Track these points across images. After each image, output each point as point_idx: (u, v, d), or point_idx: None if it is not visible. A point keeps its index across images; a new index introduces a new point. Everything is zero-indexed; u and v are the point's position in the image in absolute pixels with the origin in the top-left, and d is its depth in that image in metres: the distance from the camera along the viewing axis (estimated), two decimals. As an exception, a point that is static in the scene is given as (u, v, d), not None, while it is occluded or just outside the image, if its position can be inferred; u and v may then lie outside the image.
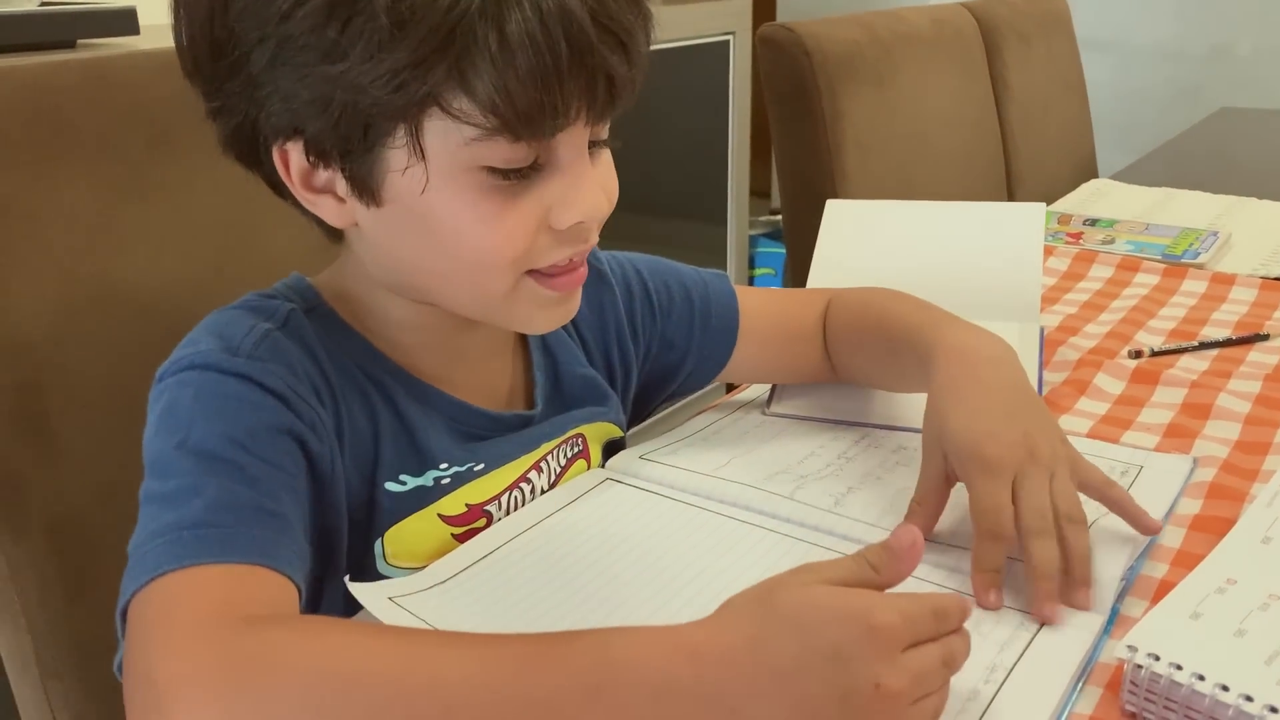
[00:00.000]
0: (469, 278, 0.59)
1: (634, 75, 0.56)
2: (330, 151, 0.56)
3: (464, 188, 0.55)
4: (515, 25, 0.50)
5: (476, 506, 0.66)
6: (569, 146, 0.57)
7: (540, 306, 0.62)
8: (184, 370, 0.57)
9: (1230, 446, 0.78)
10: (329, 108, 0.53)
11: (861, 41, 1.41)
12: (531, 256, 0.58)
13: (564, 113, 0.53)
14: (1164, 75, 3.19)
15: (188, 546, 0.50)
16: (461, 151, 0.54)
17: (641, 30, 0.56)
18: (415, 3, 0.49)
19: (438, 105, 0.52)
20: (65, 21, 1.41)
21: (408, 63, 0.50)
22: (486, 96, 0.51)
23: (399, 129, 0.54)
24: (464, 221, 0.56)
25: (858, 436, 0.80)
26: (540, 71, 0.51)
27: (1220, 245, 1.28)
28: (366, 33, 0.50)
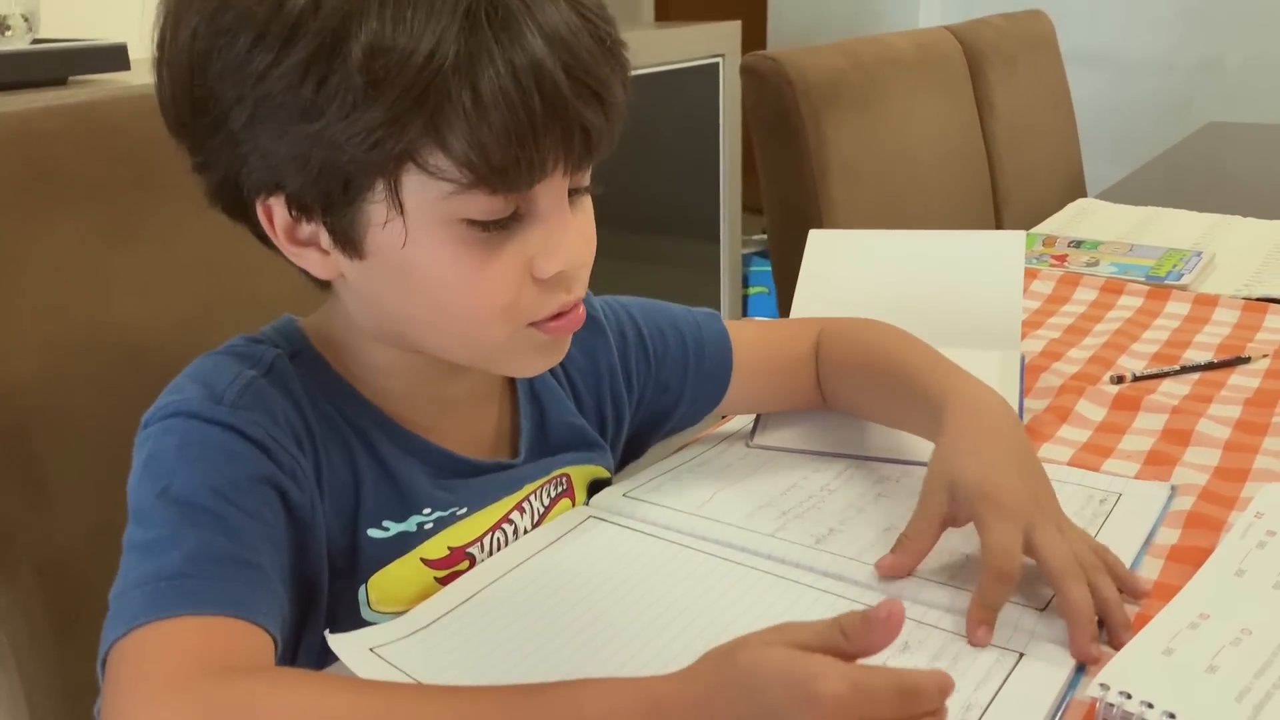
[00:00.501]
0: (458, 328, 0.60)
1: (611, 125, 0.56)
2: (312, 206, 0.56)
3: (444, 240, 0.56)
4: (489, 82, 0.51)
5: (459, 549, 0.67)
6: (548, 196, 0.57)
7: (534, 351, 0.63)
8: (168, 418, 0.58)
9: (1209, 473, 0.79)
10: (308, 164, 0.54)
11: (845, 69, 1.43)
12: (522, 309, 0.59)
13: (540, 166, 0.54)
14: (1154, 88, 3.21)
15: (165, 598, 0.51)
16: (440, 205, 0.55)
17: (617, 80, 0.56)
18: (389, 61, 0.50)
19: (413, 161, 0.53)
20: (57, 59, 1.43)
21: (383, 120, 0.51)
22: (462, 153, 0.52)
23: (378, 184, 0.54)
24: (446, 274, 0.57)
25: (840, 469, 0.80)
26: (515, 127, 0.52)
27: (1204, 266, 1.29)
28: (341, 91, 0.51)
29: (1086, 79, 2.93)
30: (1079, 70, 2.66)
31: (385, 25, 0.50)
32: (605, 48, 0.55)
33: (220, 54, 0.53)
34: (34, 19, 1.47)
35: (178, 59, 0.56)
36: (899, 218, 1.51)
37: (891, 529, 0.71)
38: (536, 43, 0.52)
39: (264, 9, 0.52)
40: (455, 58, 0.50)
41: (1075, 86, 2.21)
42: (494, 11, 0.51)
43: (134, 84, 1.43)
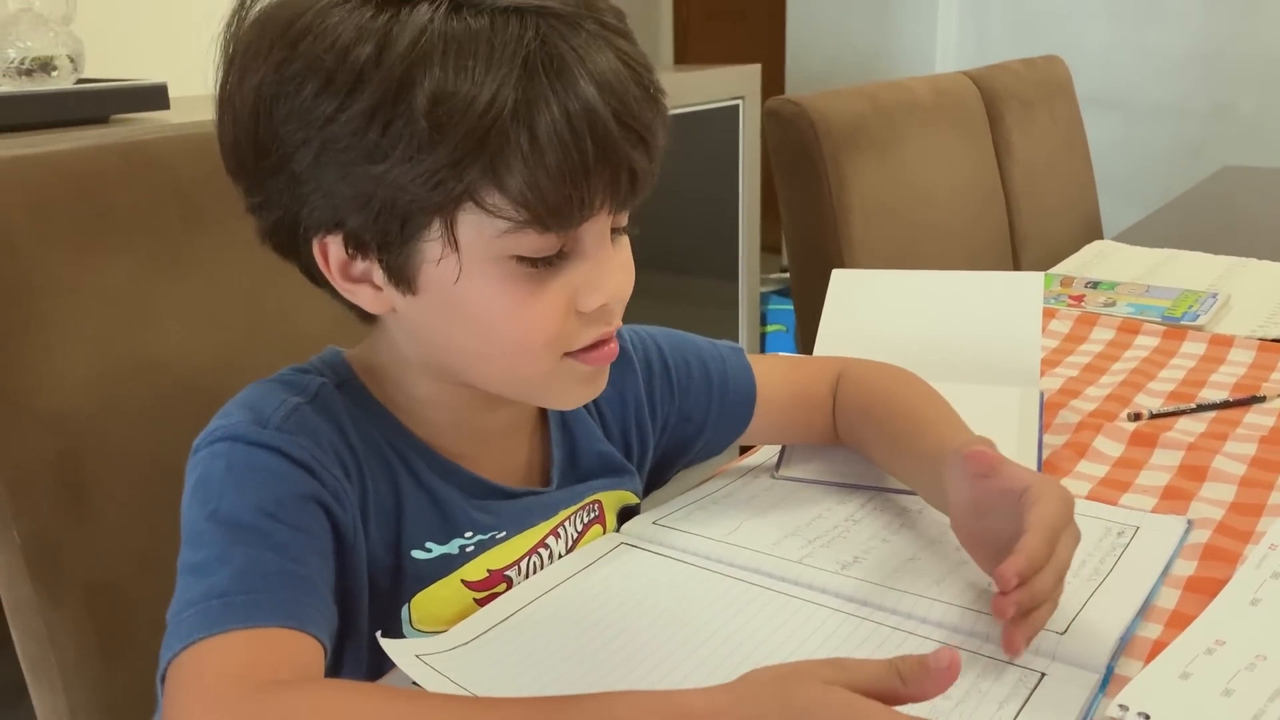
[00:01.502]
0: (505, 360, 0.63)
1: (653, 167, 0.60)
2: (369, 244, 0.59)
3: (495, 276, 0.59)
4: (545, 126, 0.54)
5: (497, 572, 0.69)
6: (593, 234, 0.61)
7: (577, 383, 0.66)
8: (216, 442, 0.61)
9: (1225, 508, 0.81)
10: (369, 204, 0.57)
11: (865, 112, 1.46)
12: (563, 339, 0.62)
13: (590, 205, 0.58)
14: (1169, 133, 3.24)
15: (216, 615, 0.53)
16: (494, 243, 0.58)
17: (660, 125, 0.60)
18: (452, 107, 0.53)
19: (473, 200, 0.56)
20: (100, 98, 1.47)
21: (445, 163, 0.54)
22: (519, 192, 0.55)
23: (435, 222, 0.57)
24: (496, 307, 0.60)
25: (864, 500, 0.83)
26: (569, 168, 0.55)
27: (1219, 307, 1.31)
28: (406, 135, 0.54)
29: (1103, 123, 2.97)
30: (1095, 115, 2.70)
31: (448, 74, 0.53)
32: (649, 94, 0.59)
33: (287, 100, 0.56)
34: (79, 60, 1.52)
35: (243, 104, 0.59)
36: (918, 258, 1.54)
37: (915, 558, 0.73)
38: (589, 89, 0.55)
39: (331, 57, 0.55)
40: (514, 104, 0.54)
41: (1092, 130, 2.25)
42: (549, 61, 0.55)
43: (174, 121, 1.48)
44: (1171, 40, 3.18)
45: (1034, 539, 0.60)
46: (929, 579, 0.70)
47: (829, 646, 0.63)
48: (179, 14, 1.79)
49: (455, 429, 0.69)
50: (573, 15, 0.57)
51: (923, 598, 0.67)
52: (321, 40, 0.55)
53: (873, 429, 0.82)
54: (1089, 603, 0.66)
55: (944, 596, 0.67)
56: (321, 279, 0.64)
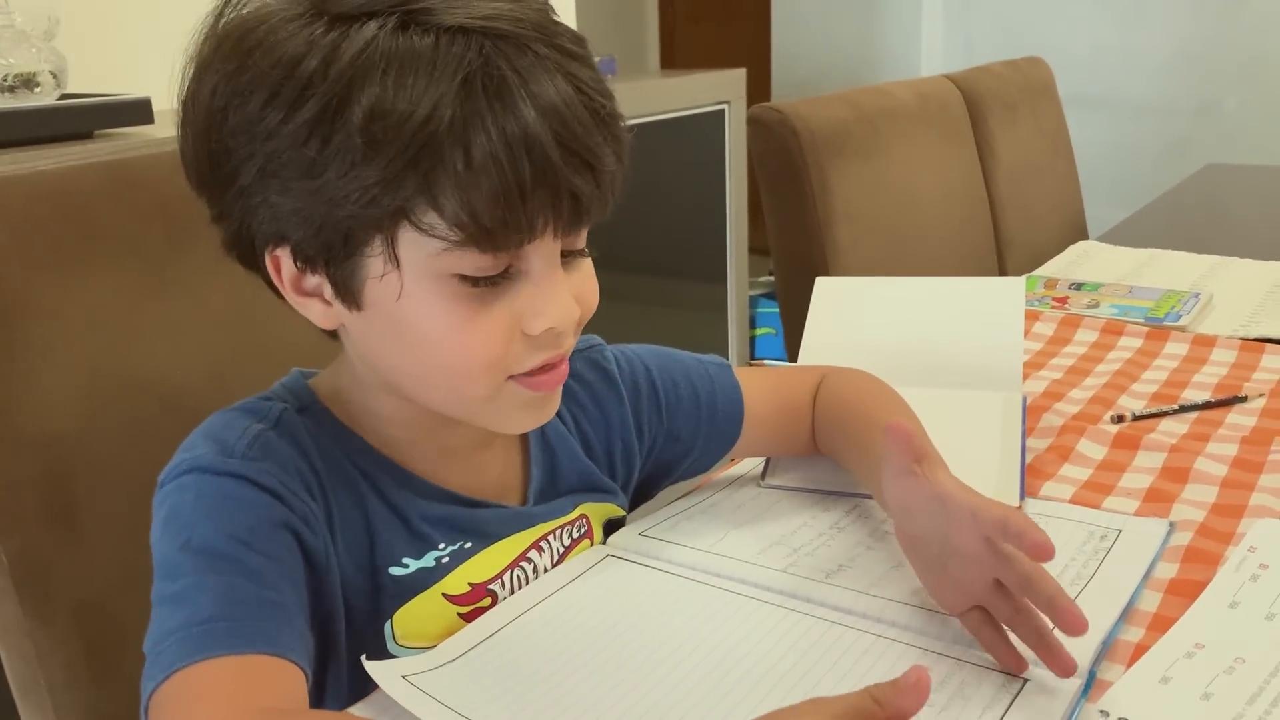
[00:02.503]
0: (445, 382, 0.62)
1: (602, 192, 0.59)
2: (315, 258, 0.60)
3: (437, 295, 0.58)
4: (480, 147, 0.54)
5: (480, 585, 0.69)
6: (540, 257, 0.60)
7: (521, 407, 0.65)
8: (183, 474, 0.61)
9: (1207, 510, 0.82)
10: (310, 218, 0.57)
11: (848, 119, 1.47)
12: (508, 363, 0.61)
13: (529, 228, 0.57)
14: (1153, 131, 3.26)
15: (199, 642, 0.53)
16: (433, 261, 0.57)
17: (609, 151, 0.59)
18: (388, 123, 0.53)
19: (408, 219, 0.56)
20: (84, 114, 1.47)
21: (378, 179, 0.54)
22: (453, 213, 0.55)
23: (376, 239, 0.57)
24: (437, 327, 0.59)
25: (849, 507, 0.83)
26: (504, 191, 0.55)
27: (1202, 307, 1.32)
28: (343, 150, 0.54)
29: (1088, 123, 2.98)
30: (1080, 114, 2.71)
31: (387, 90, 0.54)
32: (599, 119, 0.58)
33: (236, 111, 0.57)
34: (62, 76, 1.52)
35: (198, 115, 0.59)
36: (903, 262, 1.54)
37: (900, 565, 0.74)
38: (529, 112, 0.55)
39: (279, 71, 0.55)
40: (450, 122, 0.54)
41: (1076, 130, 2.26)
42: (489, 81, 0.54)
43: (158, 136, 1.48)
44: (1156, 40, 3.20)
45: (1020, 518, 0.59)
46: (914, 586, 0.70)
47: (814, 655, 0.64)
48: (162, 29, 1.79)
49: (421, 446, 0.69)
50: (522, 37, 0.56)
51: (907, 605, 0.68)
52: (271, 53, 0.56)
53: (840, 437, 0.83)
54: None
55: (929, 604, 0.68)
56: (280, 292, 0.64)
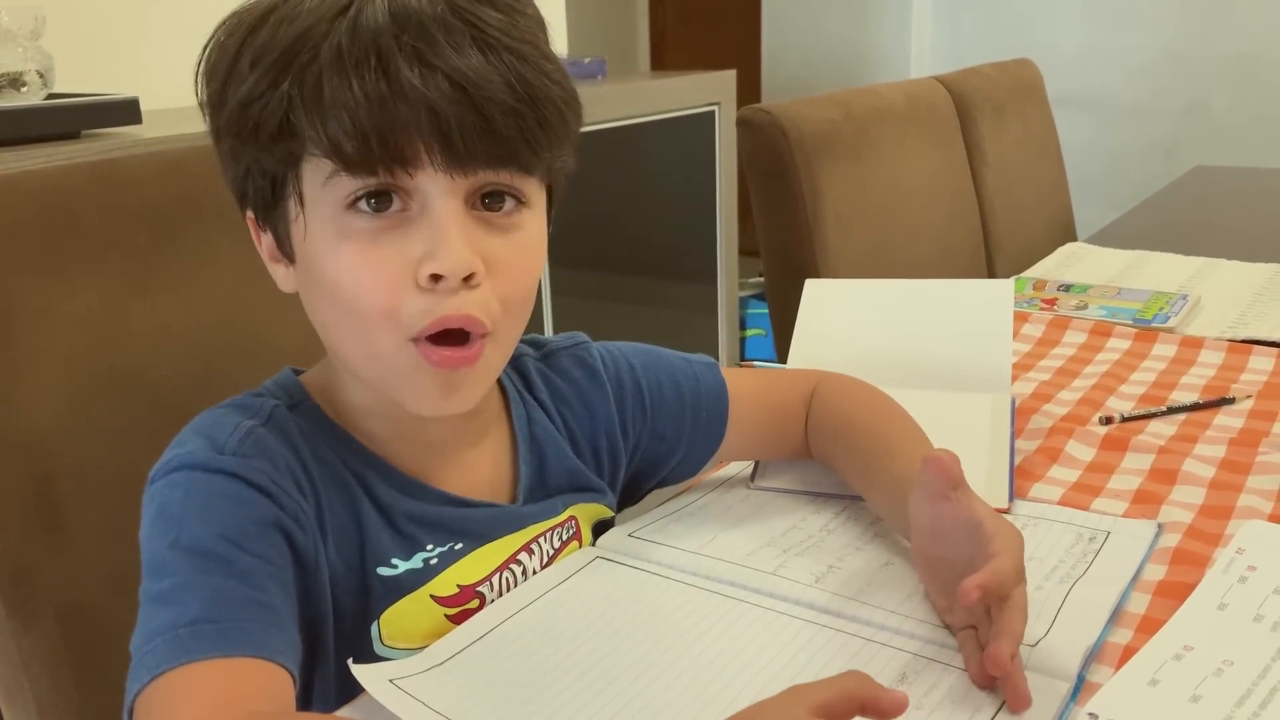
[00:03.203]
0: (352, 332, 0.62)
1: (496, 130, 0.57)
2: (259, 213, 0.64)
3: (334, 233, 0.60)
4: (329, 52, 0.57)
5: (468, 588, 0.69)
6: (440, 199, 0.59)
7: (428, 383, 0.62)
8: (173, 471, 0.61)
9: (1195, 512, 0.82)
10: (239, 169, 0.62)
11: (838, 120, 1.47)
12: (402, 314, 0.59)
13: (391, 146, 0.57)
14: (1142, 133, 3.27)
15: (185, 644, 0.53)
16: (326, 193, 0.59)
17: (498, 79, 0.57)
18: (265, 47, 0.58)
19: (290, 133, 0.58)
20: (71, 113, 1.46)
21: (256, 99, 0.58)
22: (311, 121, 0.57)
23: (289, 177, 0.61)
24: (334, 265, 0.60)
25: (838, 509, 0.83)
26: (350, 98, 0.56)
27: (1190, 308, 1.32)
28: (235, 80, 0.59)
29: (1077, 124, 2.99)
30: (1069, 116, 2.72)
31: (279, 26, 0.58)
32: (484, 45, 0.57)
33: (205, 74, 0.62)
34: (49, 75, 1.51)
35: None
36: (893, 263, 1.54)
37: (889, 564, 0.74)
38: (381, 19, 0.57)
39: (233, 43, 0.60)
40: (315, 37, 0.57)
41: (1065, 131, 2.27)
42: (361, 8, 0.58)
43: (145, 136, 1.48)
44: (1144, 41, 3.21)
45: (1004, 563, 0.60)
46: (903, 590, 0.70)
47: (803, 658, 0.64)
48: (150, 28, 1.78)
49: (403, 442, 0.69)
50: None
51: (895, 613, 0.67)
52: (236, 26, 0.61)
53: (842, 449, 0.82)
54: (1060, 611, 0.67)
55: (918, 610, 0.68)
56: None
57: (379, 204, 0.59)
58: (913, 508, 0.69)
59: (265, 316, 0.87)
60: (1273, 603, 0.65)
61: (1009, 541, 0.62)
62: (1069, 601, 0.68)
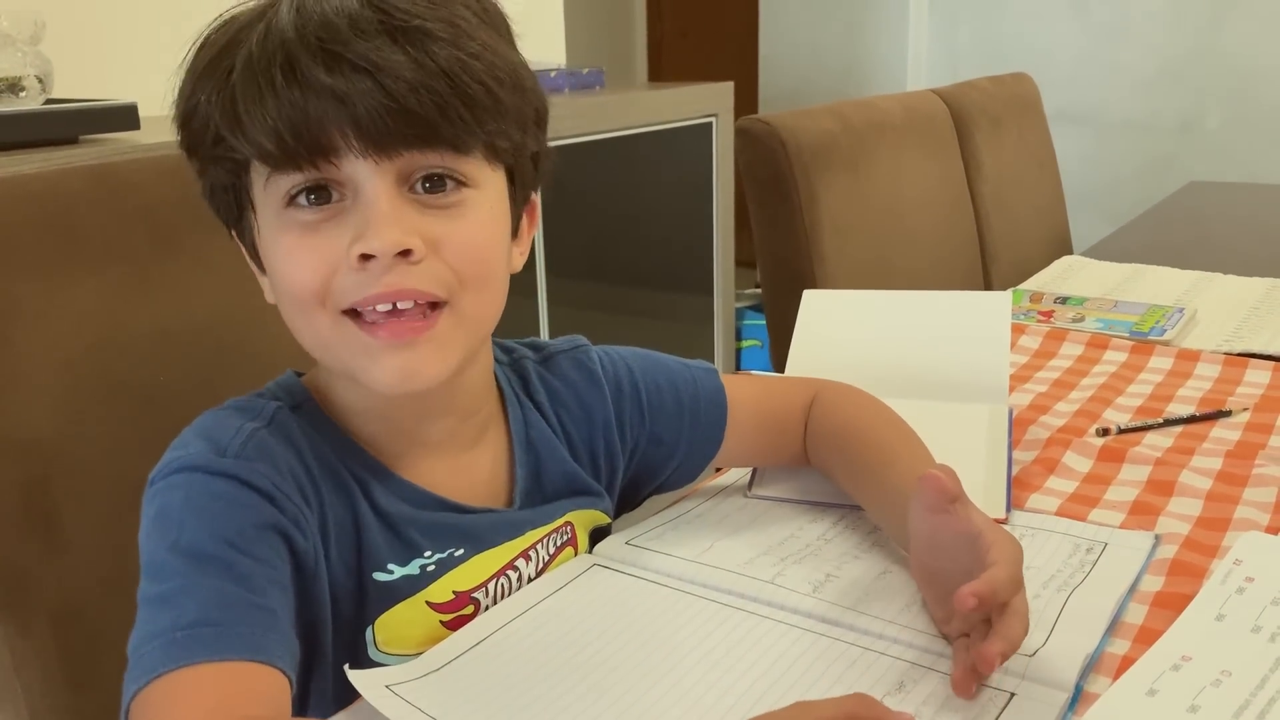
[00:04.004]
0: (297, 316, 0.63)
1: (395, 104, 0.57)
2: (233, 228, 0.66)
3: (278, 228, 0.62)
4: (243, 54, 0.59)
5: (464, 594, 0.69)
6: (368, 182, 0.59)
7: (368, 356, 0.62)
8: (174, 473, 0.61)
9: (1192, 523, 0.82)
10: (207, 184, 0.64)
11: (835, 131, 1.47)
12: (335, 293, 0.60)
13: (307, 137, 0.58)
14: (1137, 148, 3.28)
15: (182, 647, 0.53)
16: (267, 195, 0.61)
17: (403, 57, 0.57)
18: (198, 59, 0.61)
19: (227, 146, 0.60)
20: (69, 119, 1.46)
21: (190, 110, 0.61)
22: (229, 124, 0.59)
23: (243, 185, 0.63)
24: (276, 258, 0.62)
25: (836, 518, 0.83)
26: (259, 93, 0.58)
27: (1186, 321, 1.32)
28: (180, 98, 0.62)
29: (1073, 138, 3.00)
30: (1065, 130, 2.73)
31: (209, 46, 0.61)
32: (392, 27, 0.58)
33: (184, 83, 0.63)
34: (47, 80, 1.51)
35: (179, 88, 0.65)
36: (889, 274, 1.55)
37: (886, 573, 0.74)
38: (287, 15, 0.59)
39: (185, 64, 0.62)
40: (233, 47, 0.59)
41: (1062, 146, 2.27)
42: (274, 5, 0.60)
43: (144, 142, 1.48)
44: (1140, 56, 3.23)
45: (1001, 572, 0.60)
46: (901, 600, 0.70)
47: (800, 667, 0.64)
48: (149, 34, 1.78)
49: (398, 441, 0.69)
50: None
51: (893, 623, 0.67)
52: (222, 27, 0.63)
53: (841, 458, 0.82)
54: (1058, 622, 0.66)
55: (916, 620, 0.68)
56: None
57: (318, 198, 0.60)
58: (911, 520, 0.69)
59: (263, 321, 0.87)
60: (1271, 613, 0.65)
61: (1007, 551, 0.62)
62: (1066, 611, 0.68)
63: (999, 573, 0.60)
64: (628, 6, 4.68)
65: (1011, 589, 0.60)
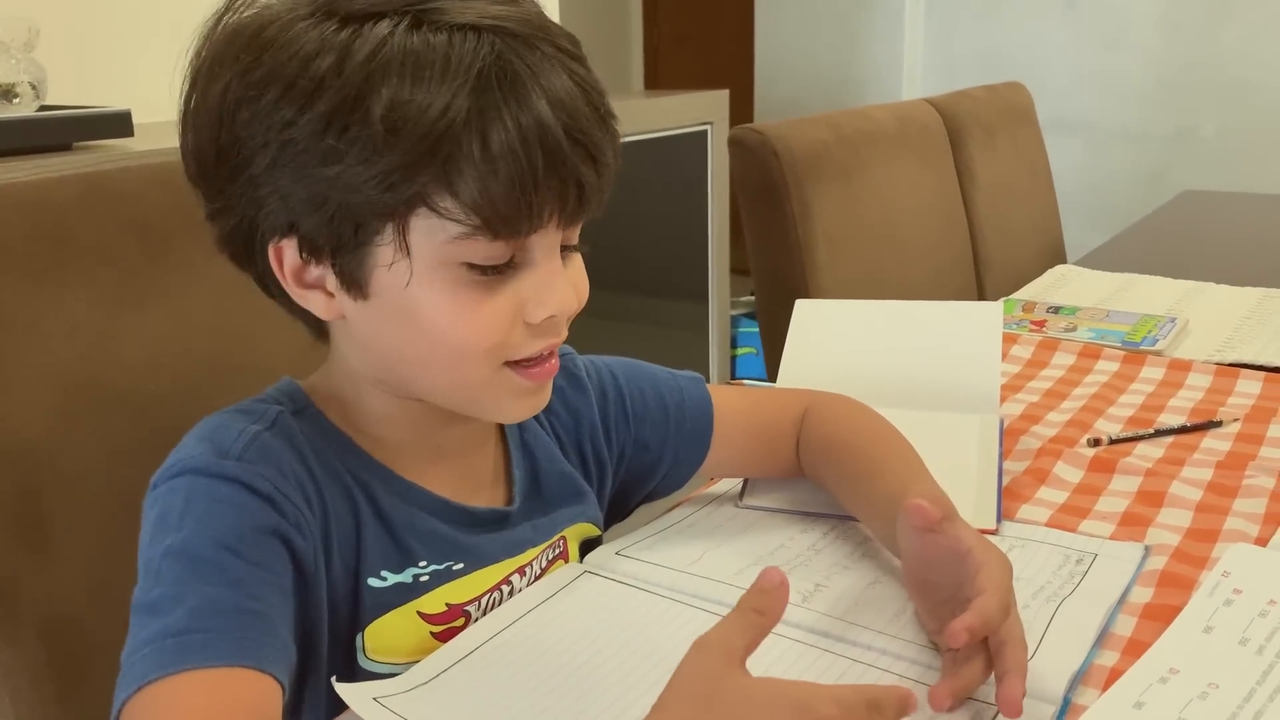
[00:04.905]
0: (448, 365, 0.64)
1: (602, 184, 0.61)
2: (322, 248, 0.61)
3: (445, 282, 0.60)
4: (498, 136, 0.56)
5: (457, 606, 0.69)
6: (542, 247, 0.62)
7: (515, 396, 0.66)
8: (175, 476, 0.61)
9: (1182, 534, 0.82)
10: (324, 206, 0.58)
11: (829, 141, 1.48)
12: (507, 348, 0.63)
13: (539, 215, 0.59)
14: (1131, 157, 3.29)
15: (172, 654, 0.53)
16: (444, 248, 0.59)
17: (609, 145, 0.61)
18: (407, 112, 0.55)
19: (425, 205, 0.58)
20: (63, 125, 1.47)
21: (398, 165, 0.56)
22: (470, 198, 0.57)
23: (388, 227, 0.59)
24: (444, 313, 0.61)
25: (827, 528, 0.83)
26: (518, 177, 0.57)
27: (1178, 331, 1.32)
28: (362, 139, 0.56)
29: (1066, 147, 3.01)
30: (1060, 139, 2.74)
31: (405, 83, 0.56)
32: (599, 115, 0.61)
33: (249, 104, 0.58)
34: (41, 87, 1.51)
35: (208, 110, 0.61)
36: (883, 283, 1.55)
37: (876, 583, 0.74)
38: (541, 104, 0.57)
39: (293, 65, 0.57)
40: (467, 113, 0.56)
41: (1055, 155, 2.28)
42: (504, 75, 0.57)
43: (137, 149, 1.48)
44: (1134, 65, 3.24)
45: (991, 601, 0.60)
46: (890, 610, 0.70)
47: (789, 678, 0.63)
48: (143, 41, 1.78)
49: (413, 446, 0.69)
50: (529, 35, 0.59)
51: (882, 633, 0.67)
52: (285, 50, 0.57)
53: (834, 468, 0.82)
54: (1046, 633, 0.67)
55: (905, 630, 0.68)
56: (275, 288, 0.65)
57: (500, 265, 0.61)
58: (900, 535, 0.69)
59: (257, 330, 0.87)
60: (1258, 625, 0.65)
61: (995, 574, 0.62)
62: (1055, 623, 0.68)
63: (988, 602, 0.60)
64: (624, 14, 4.69)
65: (1001, 616, 0.61)
